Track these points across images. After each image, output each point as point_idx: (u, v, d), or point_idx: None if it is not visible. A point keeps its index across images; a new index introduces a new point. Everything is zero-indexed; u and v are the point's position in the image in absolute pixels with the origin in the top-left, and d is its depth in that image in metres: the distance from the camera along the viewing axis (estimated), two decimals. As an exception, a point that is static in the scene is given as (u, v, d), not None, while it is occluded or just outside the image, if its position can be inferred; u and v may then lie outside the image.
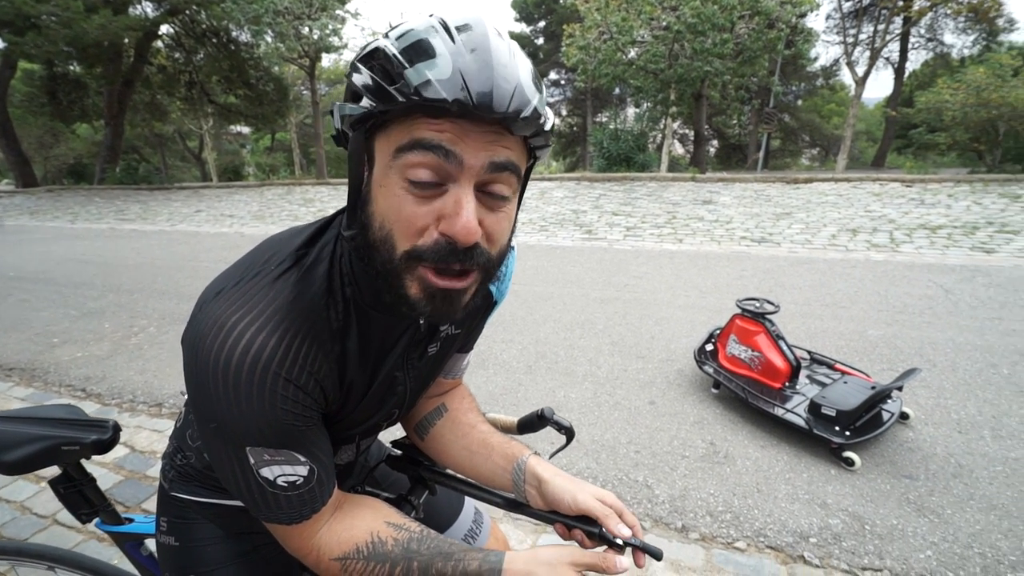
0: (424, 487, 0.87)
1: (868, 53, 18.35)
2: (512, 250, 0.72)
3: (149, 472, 2.28)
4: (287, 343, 0.53)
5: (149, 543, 0.99)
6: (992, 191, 8.03)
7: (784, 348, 2.69)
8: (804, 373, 2.74)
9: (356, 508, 0.66)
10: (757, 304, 2.83)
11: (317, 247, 0.59)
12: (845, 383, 2.50)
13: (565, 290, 4.80)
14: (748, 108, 22.79)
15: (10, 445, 0.82)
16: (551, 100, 28.24)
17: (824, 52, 38.03)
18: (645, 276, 5.24)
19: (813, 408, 2.36)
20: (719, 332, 3.09)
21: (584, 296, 4.60)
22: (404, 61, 0.46)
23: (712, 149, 28.87)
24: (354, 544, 0.62)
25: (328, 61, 24.77)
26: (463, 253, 0.49)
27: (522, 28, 30.04)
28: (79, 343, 3.82)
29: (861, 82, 16.52)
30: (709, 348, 3.07)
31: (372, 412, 0.70)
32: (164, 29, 16.93)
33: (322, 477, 0.60)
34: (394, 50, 0.46)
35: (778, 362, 2.67)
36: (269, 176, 18.72)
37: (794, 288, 4.65)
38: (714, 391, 2.86)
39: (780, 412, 2.44)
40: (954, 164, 16.72)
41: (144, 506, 2.06)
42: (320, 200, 11.64)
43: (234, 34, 16.91)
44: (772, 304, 2.81)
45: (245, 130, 28.66)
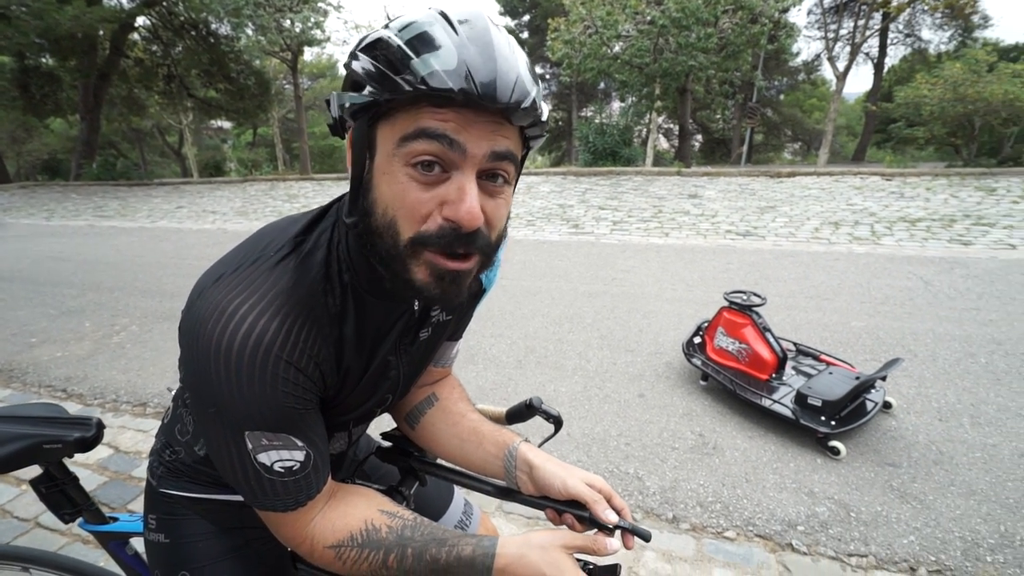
0: (414, 478, 0.86)
1: (848, 48, 18.65)
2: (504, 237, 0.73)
3: (135, 473, 2.24)
4: (288, 327, 0.54)
5: (135, 542, 0.97)
6: (968, 184, 8.21)
7: (771, 340, 2.73)
8: (790, 364, 2.78)
9: (350, 496, 0.67)
10: (744, 297, 2.86)
11: (315, 234, 0.60)
12: (830, 374, 2.55)
13: (553, 284, 4.81)
14: (732, 103, 22.97)
15: (-10, 445, 0.79)
16: (536, 95, 28.08)
17: (806, 47, 38.66)
18: (632, 270, 5.26)
19: (799, 399, 2.40)
20: (707, 325, 3.12)
21: (572, 290, 4.61)
22: (410, 52, 0.47)
23: (697, 143, 29.02)
24: (348, 532, 0.62)
25: (311, 55, 24.45)
26: (466, 237, 0.51)
27: (507, 22, 29.88)
28: (59, 342, 3.73)
29: (842, 77, 16.75)
30: (697, 341, 3.09)
31: (367, 397, 0.71)
32: (141, 21, 16.51)
33: (318, 463, 0.61)
34: (399, 41, 0.48)
35: (765, 354, 2.71)
36: (251, 172, 18.46)
37: (779, 281, 4.70)
38: (702, 383, 2.89)
39: (767, 403, 2.47)
40: (932, 158, 17.07)
41: (130, 507, 2.02)
42: (304, 196, 11.50)
43: (213, 27, 16.48)
44: (759, 297, 2.84)
45: (226, 125, 28.12)
